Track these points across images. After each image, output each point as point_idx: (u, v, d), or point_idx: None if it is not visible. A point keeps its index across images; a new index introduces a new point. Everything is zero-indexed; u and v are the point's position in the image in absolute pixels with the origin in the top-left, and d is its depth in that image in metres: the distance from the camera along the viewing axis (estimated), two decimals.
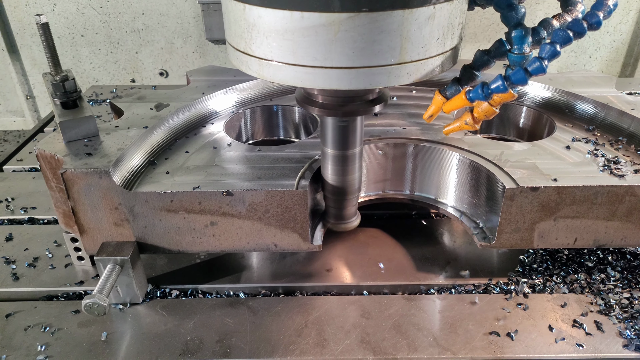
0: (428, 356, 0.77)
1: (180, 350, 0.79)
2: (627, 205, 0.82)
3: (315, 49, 0.59)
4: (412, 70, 0.62)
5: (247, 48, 0.63)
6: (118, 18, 1.89)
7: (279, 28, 0.58)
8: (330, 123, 0.78)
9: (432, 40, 0.61)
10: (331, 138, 0.79)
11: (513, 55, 0.70)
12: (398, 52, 0.59)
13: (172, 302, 0.88)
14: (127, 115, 0.97)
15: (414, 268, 0.95)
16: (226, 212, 0.82)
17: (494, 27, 2.05)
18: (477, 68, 0.77)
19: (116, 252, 0.82)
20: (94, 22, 1.91)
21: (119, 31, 1.93)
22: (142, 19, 1.90)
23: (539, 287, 0.90)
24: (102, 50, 1.98)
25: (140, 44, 1.97)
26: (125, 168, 0.83)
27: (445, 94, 0.80)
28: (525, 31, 0.68)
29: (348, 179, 0.83)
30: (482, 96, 0.75)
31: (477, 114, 0.78)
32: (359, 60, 0.59)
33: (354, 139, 0.79)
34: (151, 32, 1.94)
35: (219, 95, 1.09)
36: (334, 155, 0.80)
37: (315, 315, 0.85)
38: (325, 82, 0.61)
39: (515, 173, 0.83)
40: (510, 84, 0.72)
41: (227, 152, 0.93)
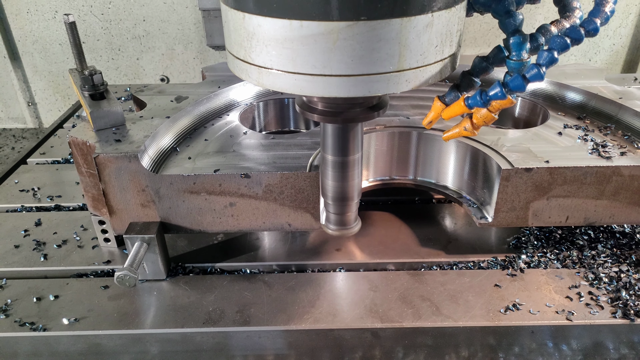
0: (431, 323, 0.84)
1: (204, 319, 0.86)
2: (614, 184, 0.89)
3: (315, 57, 0.59)
4: (411, 78, 0.62)
5: (247, 56, 0.64)
6: (119, 25, 1.91)
7: (279, 37, 0.59)
8: (330, 129, 0.79)
9: (431, 48, 0.62)
10: (331, 144, 0.80)
11: (511, 61, 0.70)
12: (397, 59, 0.60)
13: (193, 278, 0.95)
14: (150, 107, 1.05)
15: (418, 247, 1.02)
16: (244, 194, 0.90)
17: (494, 32, 2.07)
18: (476, 74, 0.77)
19: (143, 230, 0.89)
20: (95, 29, 1.93)
21: (120, 38, 1.94)
22: (143, 26, 1.92)
23: (534, 263, 0.96)
24: (103, 57, 2.00)
25: (141, 51, 1.99)
26: (151, 153, 0.90)
27: (444, 100, 0.80)
28: (523, 38, 0.69)
29: (348, 185, 0.84)
30: (480, 103, 0.75)
31: (476, 120, 0.78)
32: (358, 68, 0.59)
33: (354, 146, 0.80)
34: (152, 39, 1.96)
35: (235, 88, 1.16)
36: (334, 161, 0.81)
37: (326, 289, 0.92)
38: (324, 90, 0.62)
39: (510, 156, 0.90)
40: (509, 90, 0.72)
41: (243, 140, 1.00)
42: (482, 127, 0.79)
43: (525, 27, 0.69)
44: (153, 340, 0.85)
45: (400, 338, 0.85)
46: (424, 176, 1.03)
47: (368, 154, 1.00)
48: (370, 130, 0.99)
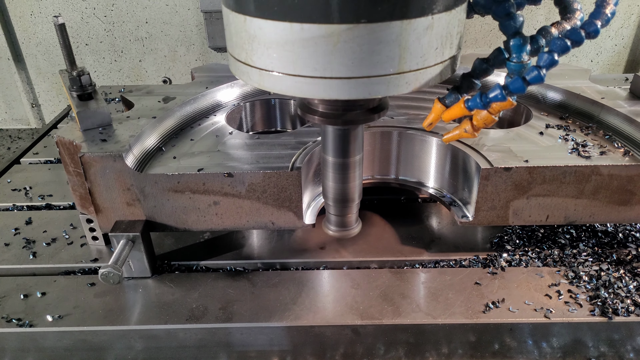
0: (411, 320, 0.85)
1: (187, 316, 0.87)
2: (593, 183, 0.90)
3: (315, 60, 0.59)
4: (411, 80, 0.62)
5: (248, 59, 0.64)
6: (122, 27, 1.92)
7: (279, 39, 0.59)
8: (330, 131, 0.79)
9: (431, 50, 0.62)
10: (332, 146, 0.80)
11: (512, 63, 0.70)
12: (397, 62, 0.60)
13: (178, 276, 0.97)
14: (137, 107, 1.06)
15: (401, 246, 1.03)
16: (228, 192, 0.91)
17: (494, 33, 2.06)
18: (476, 76, 0.77)
19: (128, 228, 0.91)
20: (98, 31, 1.94)
21: (123, 40, 1.96)
22: (146, 28, 1.93)
23: (515, 261, 0.97)
24: (106, 59, 2.02)
25: (143, 52, 2.00)
26: (136, 152, 0.92)
27: (444, 102, 0.80)
28: (524, 40, 0.69)
29: (349, 187, 0.84)
30: (480, 105, 0.74)
31: (476, 122, 0.78)
32: (358, 70, 0.59)
33: (354, 147, 0.80)
34: (154, 41, 1.97)
35: (222, 89, 1.18)
36: (335, 163, 0.81)
37: (309, 287, 0.93)
38: (325, 92, 0.62)
39: (490, 155, 0.91)
40: (509, 92, 0.72)
41: (228, 140, 1.01)
42: None
43: (526, 27, 0.68)
44: (137, 337, 0.87)
45: (380, 335, 0.87)
46: (406, 175, 1.04)
47: None
48: None
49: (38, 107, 2.31)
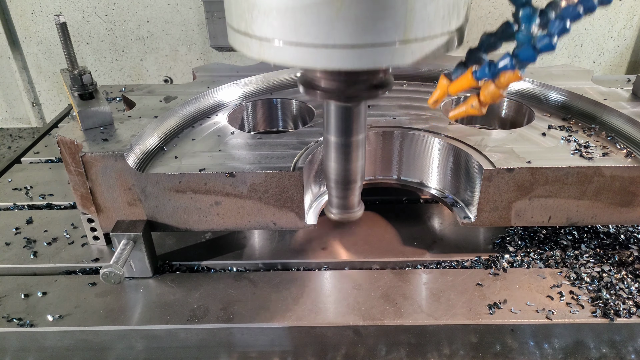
0: (413, 321, 0.85)
1: (188, 316, 0.87)
2: (595, 185, 0.90)
3: (317, 28, 0.57)
4: (417, 50, 0.60)
5: (248, 28, 0.62)
6: (123, 26, 1.92)
7: (280, 6, 0.57)
8: (333, 109, 0.77)
9: (437, 19, 0.59)
10: (334, 125, 0.77)
11: (521, 35, 0.68)
12: (402, 30, 0.57)
13: (180, 276, 0.97)
14: (139, 107, 1.06)
15: (403, 246, 1.03)
16: (229, 193, 0.91)
17: None
18: (484, 50, 0.74)
19: (130, 228, 0.91)
20: (99, 30, 1.93)
21: (124, 39, 1.95)
22: (147, 27, 1.92)
23: (517, 262, 0.97)
24: (107, 58, 2.01)
25: (145, 52, 1.99)
26: (138, 152, 0.92)
27: (450, 77, 0.77)
28: (533, 10, 0.67)
29: (351, 167, 0.81)
30: (489, 74, 0.72)
31: (483, 98, 0.75)
32: (362, 38, 0.57)
33: (357, 126, 0.78)
34: (156, 40, 1.96)
35: (224, 89, 1.18)
36: (337, 142, 0.79)
37: (310, 287, 0.93)
38: (327, 62, 0.59)
39: (493, 156, 0.91)
40: (518, 62, 0.69)
41: (230, 140, 1.01)
42: (468, 128, 0.77)
43: None
44: (138, 337, 0.86)
45: (382, 336, 0.86)
46: (408, 176, 1.04)
47: None
48: None
49: (39, 106, 2.30)
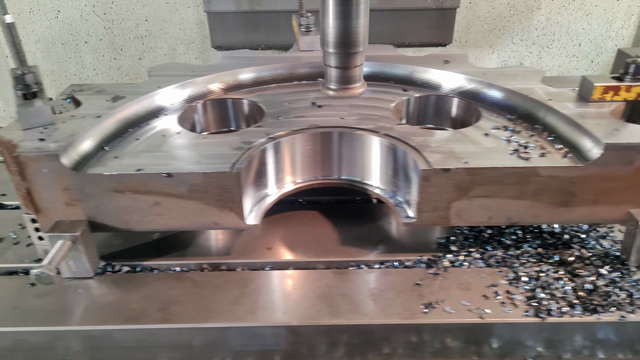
0: (347, 321, 0.86)
1: (126, 317, 0.87)
2: (534, 185, 0.90)
3: None
4: None
5: None
6: (121, 25, 1.91)
7: None
8: None
9: None
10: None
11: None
12: None
13: (122, 276, 0.96)
14: (85, 106, 1.06)
15: (350, 246, 1.03)
16: (169, 193, 0.91)
17: (495, 33, 2.05)
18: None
19: (68, 229, 0.90)
20: (97, 29, 1.92)
21: (123, 38, 1.94)
22: (146, 26, 1.91)
23: (459, 262, 0.98)
24: (105, 57, 1.99)
25: (143, 50, 1.98)
26: (75, 152, 0.91)
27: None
28: None
29: (353, 25, 0.73)
30: None
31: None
32: None
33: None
34: (154, 39, 1.95)
35: (174, 89, 1.17)
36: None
37: (251, 287, 0.93)
38: None
39: (431, 156, 0.91)
40: None
41: (174, 140, 1.01)
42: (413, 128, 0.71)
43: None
44: (74, 337, 0.86)
45: (319, 335, 0.87)
46: (350, 175, 1.04)
47: (294, 156, 1.01)
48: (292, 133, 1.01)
49: None
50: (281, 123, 1.06)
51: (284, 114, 1.10)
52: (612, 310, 0.86)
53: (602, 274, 0.93)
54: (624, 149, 0.86)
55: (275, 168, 1.00)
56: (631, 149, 0.86)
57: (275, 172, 1.00)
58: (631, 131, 0.90)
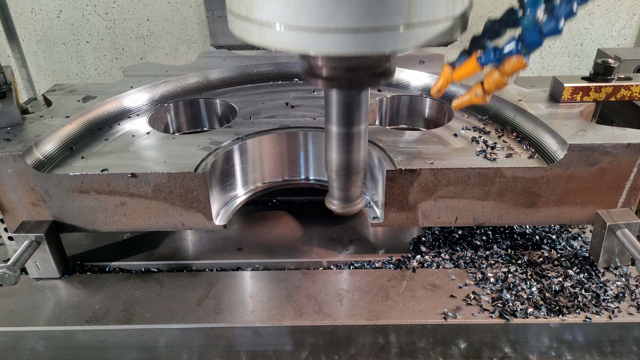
0: (311, 322, 0.85)
1: (87, 317, 0.86)
2: (498, 186, 0.90)
3: (320, 10, 0.56)
4: (421, 34, 0.60)
5: (249, 13, 0.61)
6: (123, 24, 1.90)
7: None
8: (334, 98, 0.75)
9: (442, 2, 0.59)
10: (335, 113, 0.76)
11: (526, 21, 0.67)
12: (406, 13, 0.57)
13: (89, 277, 0.96)
14: (54, 106, 1.06)
15: (319, 247, 1.03)
16: (134, 193, 0.90)
17: None
18: (488, 37, 0.73)
19: (33, 229, 0.90)
20: (99, 29, 1.91)
21: (124, 37, 1.93)
22: (147, 25, 1.91)
23: (427, 263, 0.98)
24: (107, 57, 1.99)
25: (145, 50, 1.98)
26: (40, 153, 0.91)
27: (453, 65, 0.76)
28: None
29: (353, 157, 0.80)
30: (494, 59, 0.70)
31: (487, 86, 0.75)
32: (365, 21, 0.57)
33: (359, 115, 0.77)
34: (156, 39, 1.95)
35: (145, 89, 1.17)
36: (338, 132, 0.78)
37: (217, 288, 0.93)
38: (329, 46, 0.59)
39: (397, 157, 0.91)
40: (524, 46, 0.68)
41: (143, 140, 1.01)
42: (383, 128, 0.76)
43: None
44: (36, 338, 0.86)
45: (283, 336, 0.86)
46: (318, 175, 1.04)
47: (261, 157, 1.01)
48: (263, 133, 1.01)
49: None
50: (251, 123, 1.06)
51: (256, 114, 1.10)
52: (577, 311, 0.85)
53: (570, 275, 0.93)
54: (588, 149, 0.86)
55: (242, 169, 1.00)
56: (595, 149, 0.86)
57: (242, 173, 1.00)
58: (597, 132, 0.90)
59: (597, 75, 1.03)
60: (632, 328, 0.85)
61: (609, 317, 0.84)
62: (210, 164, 0.91)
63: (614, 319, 0.83)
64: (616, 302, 0.86)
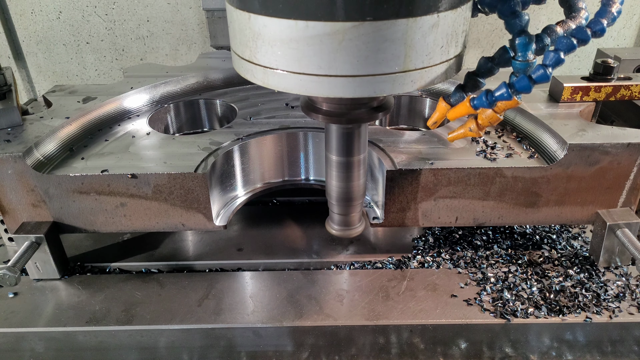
0: (311, 323, 0.85)
1: (88, 318, 0.86)
2: (498, 186, 0.90)
3: (320, 58, 0.59)
4: (416, 78, 0.62)
5: (252, 57, 0.64)
6: (123, 25, 1.90)
7: (284, 37, 0.59)
8: (334, 130, 0.78)
9: (436, 49, 0.61)
10: (335, 145, 0.79)
11: (517, 62, 0.69)
12: (402, 60, 0.60)
13: (89, 277, 0.96)
14: (54, 107, 1.06)
15: (320, 247, 1.03)
16: (134, 194, 0.90)
17: (497, 33, 2.04)
18: (481, 75, 0.76)
19: (33, 230, 0.90)
20: (99, 30, 1.92)
21: (124, 38, 1.93)
22: (147, 26, 1.91)
23: (428, 263, 0.98)
24: (107, 57, 1.99)
25: (145, 51, 1.98)
26: (40, 153, 0.91)
27: (449, 101, 0.79)
28: (529, 38, 0.68)
29: (352, 185, 0.83)
30: (486, 103, 0.74)
31: (481, 121, 0.78)
32: (363, 68, 0.59)
33: (358, 146, 0.79)
34: (156, 39, 1.95)
35: (145, 90, 1.17)
36: (338, 161, 0.81)
37: (217, 288, 0.93)
38: (329, 90, 0.61)
39: (397, 157, 0.91)
40: (515, 91, 0.71)
41: (143, 141, 1.01)
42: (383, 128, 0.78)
43: (529, 28, 0.68)
44: (37, 339, 0.86)
45: (283, 337, 0.86)
46: (318, 176, 1.04)
47: (261, 158, 1.01)
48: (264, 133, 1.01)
49: None
50: (251, 124, 1.06)
51: (256, 114, 1.10)
52: (578, 311, 0.85)
53: (570, 274, 0.93)
54: (588, 149, 0.86)
55: (243, 169, 1.00)
56: (595, 149, 0.86)
57: (242, 173, 1.00)
58: (597, 132, 0.90)
59: (597, 75, 1.03)
60: (632, 328, 0.85)
61: (609, 317, 0.84)
62: (211, 164, 0.91)
63: (614, 319, 0.83)
64: (617, 302, 0.86)
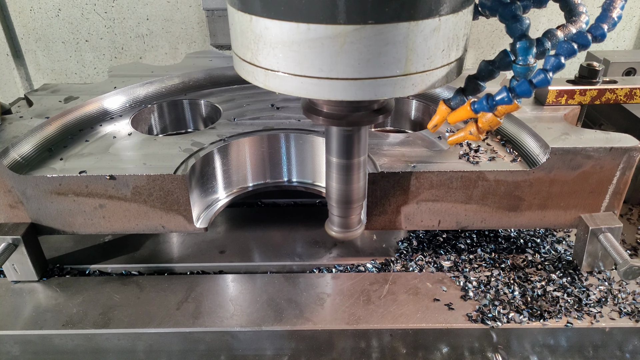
0: (290, 327, 0.84)
1: (64, 321, 0.85)
2: (481, 189, 0.90)
3: (321, 61, 0.59)
4: (417, 82, 0.62)
5: (254, 59, 0.64)
6: (122, 23, 1.89)
7: (286, 40, 0.59)
8: (335, 132, 0.78)
9: (438, 52, 0.62)
10: (336, 147, 0.79)
11: (518, 66, 0.69)
12: (403, 63, 0.60)
13: (68, 279, 0.95)
14: (35, 107, 1.04)
15: (304, 250, 1.02)
16: (112, 195, 0.89)
17: (497, 34, 2.03)
18: (482, 79, 0.76)
19: (11, 232, 0.89)
20: (98, 28, 1.90)
21: (124, 36, 1.92)
22: (147, 25, 1.90)
23: (411, 267, 0.97)
24: (106, 56, 1.98)
25: (144, 49, 1.96)
26: (18, 154, 0.90)
27: (449, 104, 0.79)
28: (530, 42, 0.68)
29: (352, 188, 0.83)
30: (486, 107, 0.74)
31: (481, 125, 0.78)
32: (364, 71, 0.59)
33: (358, 148, 0.79)
34: (155, 38, 1.94)
35: (128, 90, 1.16)
36: (339, 164, 0.81)
37: (197, 292, 0.92)
38: (330, 93, 0.62)
39: (379, 160, 0.90)
40: (515, 95, 0.72)
41: (124, 141, 1.00)
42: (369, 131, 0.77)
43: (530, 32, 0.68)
44: (12, 342, 0.85)
45: (262, 340, 0.86)
46: (301, 177, 1.03)
47: (243, 159, 1.00)
48: (246, 135, 1.00)
49: None
50: (235, 125, 1.05)
51: (240, 115, 1.09)
52: (559, 316, 0.85)
53: (553, 279, 0.92)
54: (571, 153, 0.86)
55: (224, 171, 0.99)
56: (577, 153, 0.86)
57: (223, 175, 0.99)
58: (580, 136, 0.90)
59: (582, 78, 1.03)
60: (614, 333, 0.84)
61: (590, 322, 0.83)
62: (191, 166, 0.90)
63: (595, 324, 0.83)
64: (598, 307, 0.86)
